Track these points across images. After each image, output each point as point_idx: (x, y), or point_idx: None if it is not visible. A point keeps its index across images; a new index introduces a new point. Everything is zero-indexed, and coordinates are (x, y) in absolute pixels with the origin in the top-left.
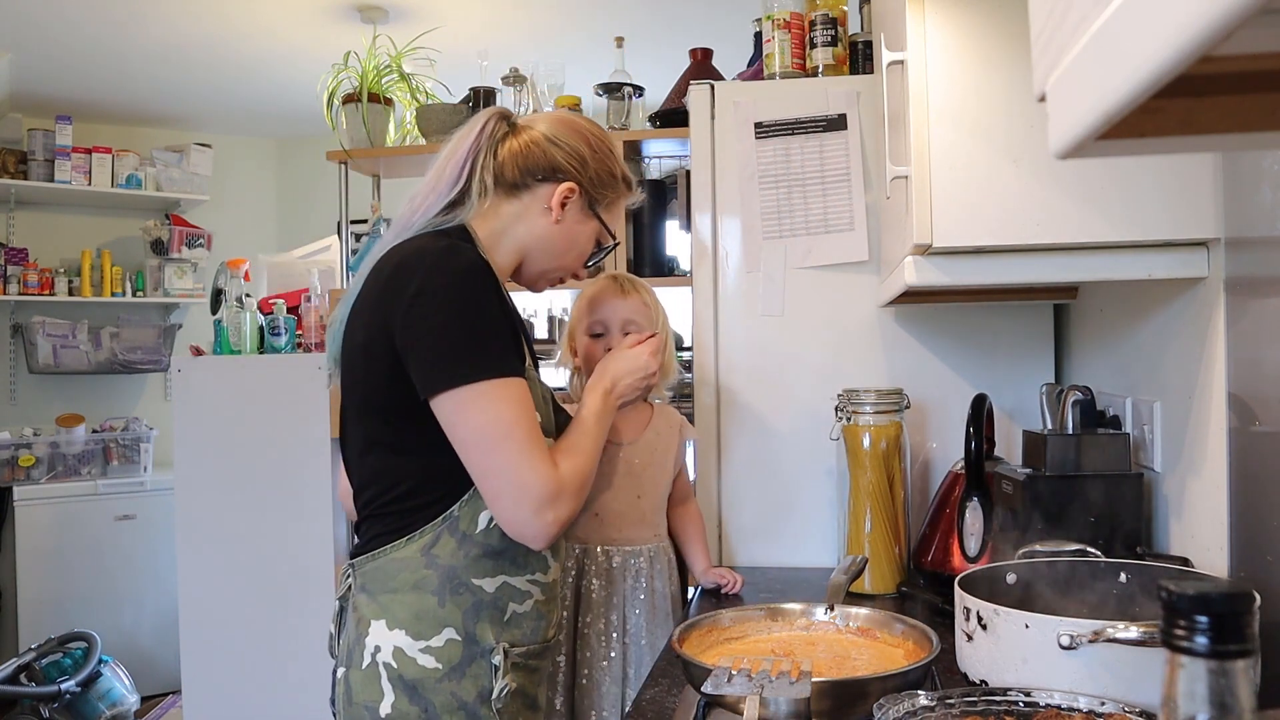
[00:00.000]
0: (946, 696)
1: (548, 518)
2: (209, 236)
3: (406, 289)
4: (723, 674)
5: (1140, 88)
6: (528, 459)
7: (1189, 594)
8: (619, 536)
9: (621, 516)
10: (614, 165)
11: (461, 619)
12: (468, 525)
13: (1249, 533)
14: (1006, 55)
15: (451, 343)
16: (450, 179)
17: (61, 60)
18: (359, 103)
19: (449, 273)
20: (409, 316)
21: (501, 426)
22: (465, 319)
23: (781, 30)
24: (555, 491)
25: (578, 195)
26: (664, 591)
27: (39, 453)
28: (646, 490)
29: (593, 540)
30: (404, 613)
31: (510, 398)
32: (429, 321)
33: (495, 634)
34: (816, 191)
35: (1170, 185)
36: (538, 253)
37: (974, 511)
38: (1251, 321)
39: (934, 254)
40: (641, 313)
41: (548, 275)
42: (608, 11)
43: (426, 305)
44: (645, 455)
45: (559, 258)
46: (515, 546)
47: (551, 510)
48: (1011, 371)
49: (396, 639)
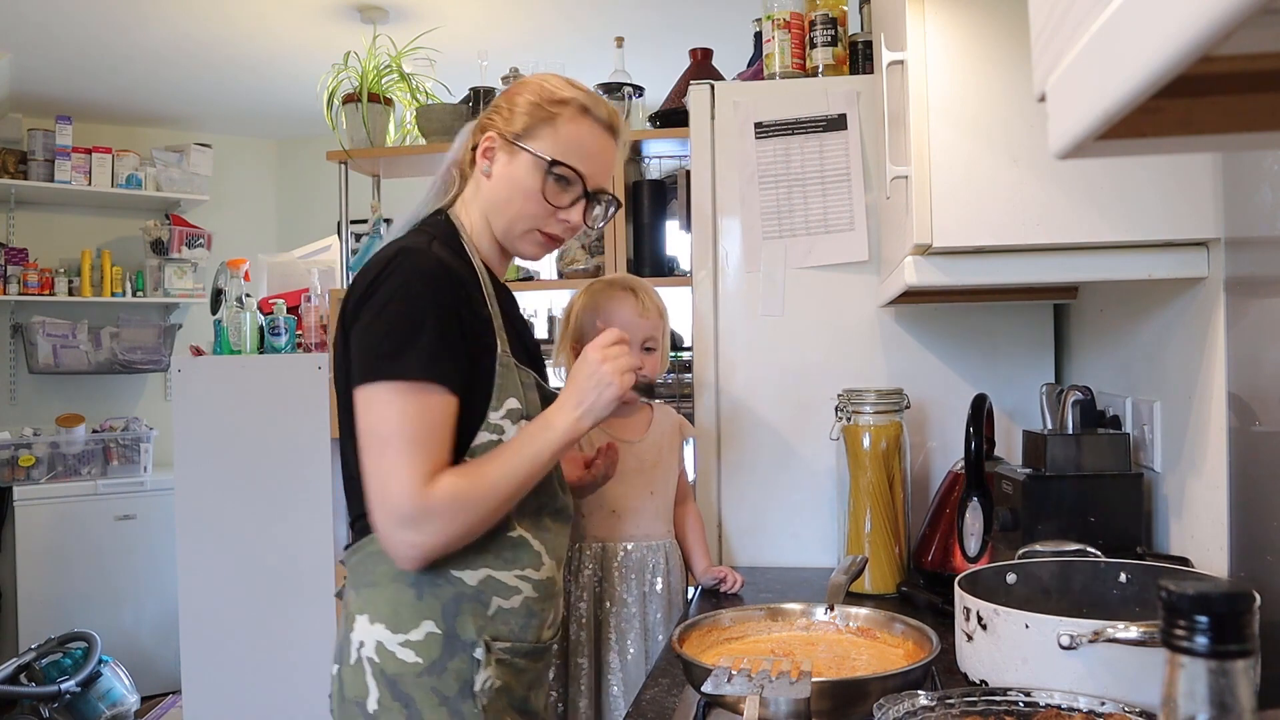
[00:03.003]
0: (946, 696)
1: (402, 538)
2: (209, 236)
3: (359, 288)
4: (723, 674)
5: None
6: (398, 471)
7: (1189, 594)
8: (636, 533)
9: (637, 513)
10: (535, 94)
11: (441, 611)
12: None
13: (1249, 533)
14: (1006, 55)
15: (377, 339)
16: (437, 182)
17: (61, 60)
18: (359, 103)
19: (400, 272)
20: (355, 314)
21: (385, 430)
22: (398, 318)
23: (781, 30)
24: (415, 513)
25: (497, 140)
26: (677, 587)
27: (39, 453)
28: (658, 486)
29: (611, 537)
30: (384, 606)
31: (409, 404)
32: (366, 318)
33: (478, 627)
34: (816, 191)
35: (1170, 185)
36: (491, 214)
37: (974, 511)
38: (1251, 321)
39: (934, 254)
40: (658, 327)
41: (515, 233)
42: (608, 11)
43: (370, 303)
44: (653, 452)
45: (506, 208)
46: (500, 539)
47: (409, 531)
48: (1011, 371)
49: (378, 633)
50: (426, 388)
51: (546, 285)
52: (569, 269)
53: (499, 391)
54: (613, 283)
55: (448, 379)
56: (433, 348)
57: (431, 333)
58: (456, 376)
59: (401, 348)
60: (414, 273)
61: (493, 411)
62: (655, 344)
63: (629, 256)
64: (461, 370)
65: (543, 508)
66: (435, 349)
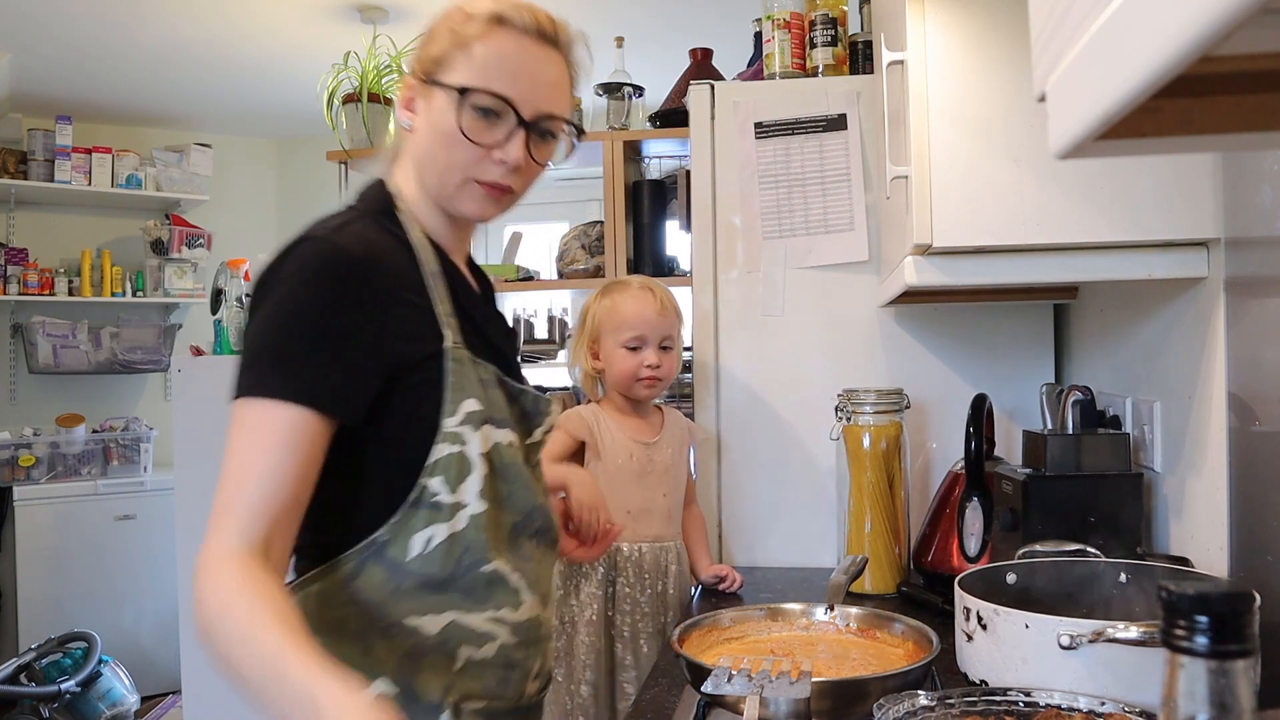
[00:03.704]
0: (946, 696)
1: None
2: (209, 236)
3: (254, 285)
4: (723, 674)
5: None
6: (220, 513)
7: (1189, 594)
8: (649, 534)
9: (651, 514)
10: (446, 20)
11: (396, 667)
12: (398, 551)
13: (1249, 533)
14: (1006, 55)
15: (248, 347)
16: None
17: (61, 60)
18: (359, 103)
19: (290, 266)
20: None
21: (228, 456)
22: (277, 321)
23: (781, 30)
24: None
25: (415, 85)
26: (686, 588)
27: (39, 453)
28: (671, 488)
29: (624, 538)
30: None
31: (262, 428)
32: (249, 322)
33: (443, 686)
34: (816, 191)
35: (1170, 185)
36: (423, 173)
37: (974, 511)
38: (1251, 321)
39: (934, 254)
40: (675, 326)
41: (449, 189)
42: (608, 11)
43: (255, 303)
44: (667, 454)
45: (433, 162)
46: (469, 574)
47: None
48: (1011, 371)
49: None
50: (292, 413)
51: (546, 285)
52: (569, 269)
53: (452, 392)
54: (629, 282)
55: (324, 405)
56: (322, 359)
57: (331, 341)
58: (339, 396)
59: (268, 359)
60: (306, 268)
61: (447, 418)
62: (672, 342)
63: (629, 256)
64: (355, 388)
65: (521, 528)
66: (327, 361)
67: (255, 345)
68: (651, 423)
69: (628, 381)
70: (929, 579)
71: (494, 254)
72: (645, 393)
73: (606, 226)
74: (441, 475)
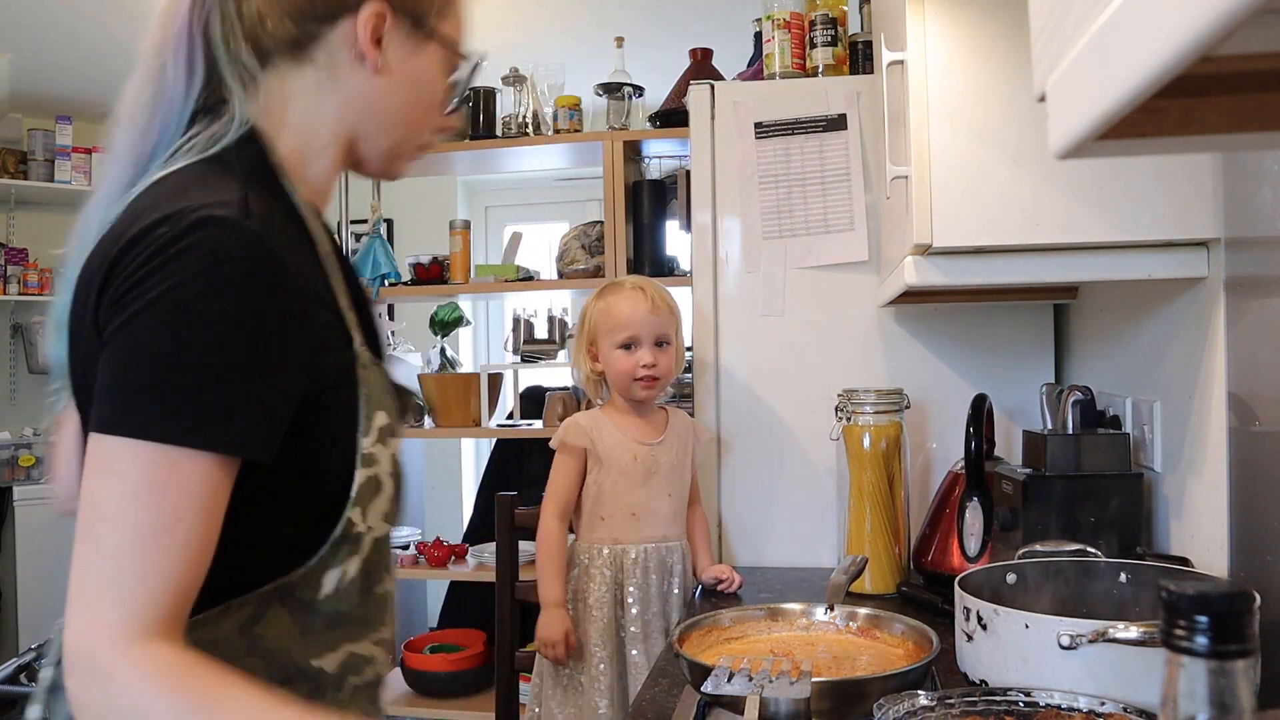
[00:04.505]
0: (946, 696)
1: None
2: None
3: (128, 267)
4: (723, 674)
5: (1140, 88)
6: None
7: (1189, 594)
8: (654, 534)
9: (655, 515)
10: None
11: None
12: (309, 591)
13: (1249, 533)
14: (1006, 55)
15: (140, 366)
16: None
17: (61, 60)
18: None
19: (193, 259)
20: (116, 308)
21: (110, 513)
22: (184, 335)
23: (781, 30)
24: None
25: (390, 18)
26: (689, 587)
27: (39, 453)
28: (675, 489)
29: (628, 539)
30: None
31: (160, 485)
32: (132, 324)
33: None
34: (816, 191)
35: (1170, 185)
36: (373, 125)
37: (974, 511)
38: (1251, 321)
39: (934, 254)
40: (669, 324)
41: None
42: (608, 11)
43: (140, 299)
44: (671, 454)
45: (407, 119)
46: (368, 601)
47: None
48: (1011, 371)
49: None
50: (199, 463)
51: (546, 285)
52: (569, 269)
53: (366, 407)
54: (622, 283)
55: (243, 444)
56: (226, 393)
57: (226, 367)
58: (262, 435)
59: (173, 389)
60: (214, 264)
61: (364, 438)
62: (668, 340)
63: (629, 256)
64: (279, 420)
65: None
66: (230, 396)
67: (152, 364)
68: (655, 423)
69: (625, 382)
70: (929, 579)
71: (494, 254)
72: (643, 393)
73: (606, 226)
74: (360, 505)
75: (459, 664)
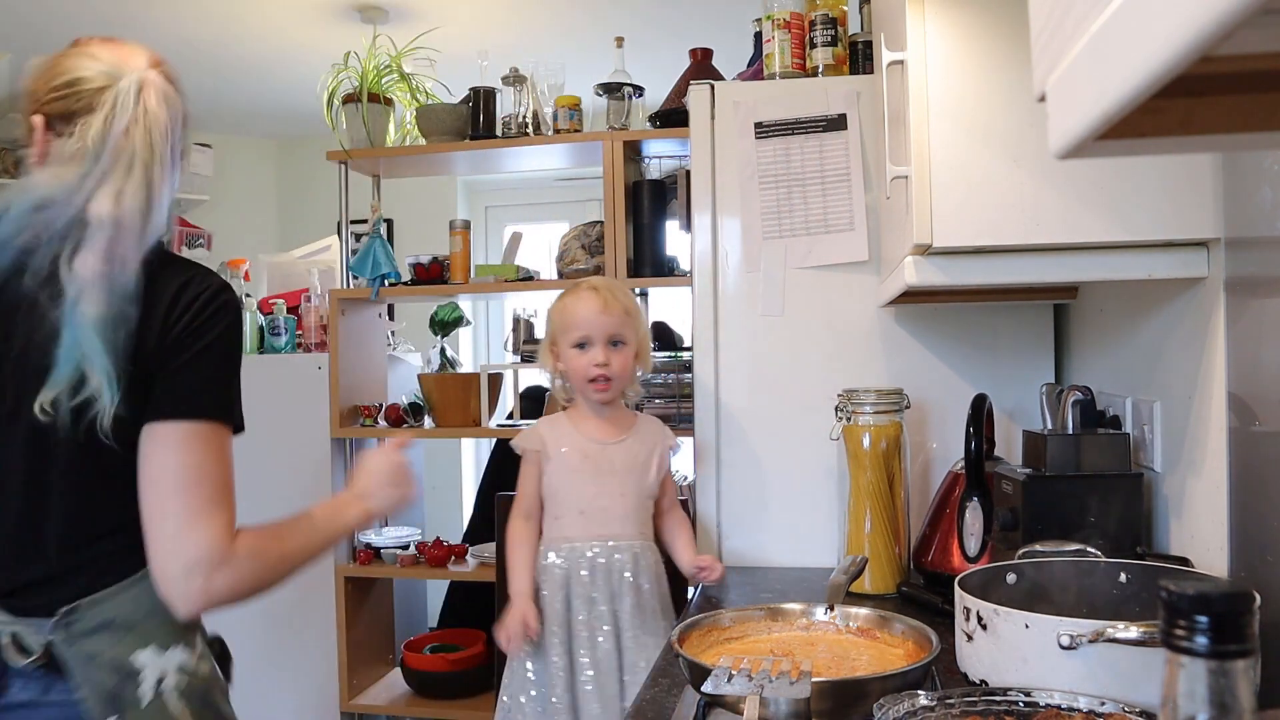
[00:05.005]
0: (946, 696)
1: (192, 584)
2: (209, 236)
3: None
4: (723, 674)
5: (1140, 88)
6: (207, 514)
7: (1189, 594)
8: (603, 532)
9: (605, 512)
10: None
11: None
12: None
13: (1249, 533)
14: (1006, 55)
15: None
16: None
17: None
18: (359, 103)
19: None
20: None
21: (200, 472)
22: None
23: (781, 30)
24: (218, 559)
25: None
26: (651, 590)
27: None
28: (632, 490)
29: (578, 537)
30: (169, 629)
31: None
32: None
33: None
34: (816, 191)
35: (1170, 185)
36: None
37: (974, 511)
38: (1251, 321)
39: (934, 254)
40: (624, 323)
41: None
42: (607, 11)
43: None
44: (626, 456)
45: None
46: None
47: (200, 578)
48: (1011, 371)
49: (176, 657)
50: (231, 437)
51: (546, 285)
52: (569, 269)
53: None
54: (579, 284)
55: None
56: (238, 396)
57: (239, 381)
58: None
59: (230, 393)
60: (237, 314)
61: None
62: (623, 339)
63: (629, 256)
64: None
65: None
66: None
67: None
68: (618, 424)
69: (581, 382)
70: (929, 579)
71: (494, 254)
72: (597, 394)
73: (606, 226)
74: None
75: (459, 664)
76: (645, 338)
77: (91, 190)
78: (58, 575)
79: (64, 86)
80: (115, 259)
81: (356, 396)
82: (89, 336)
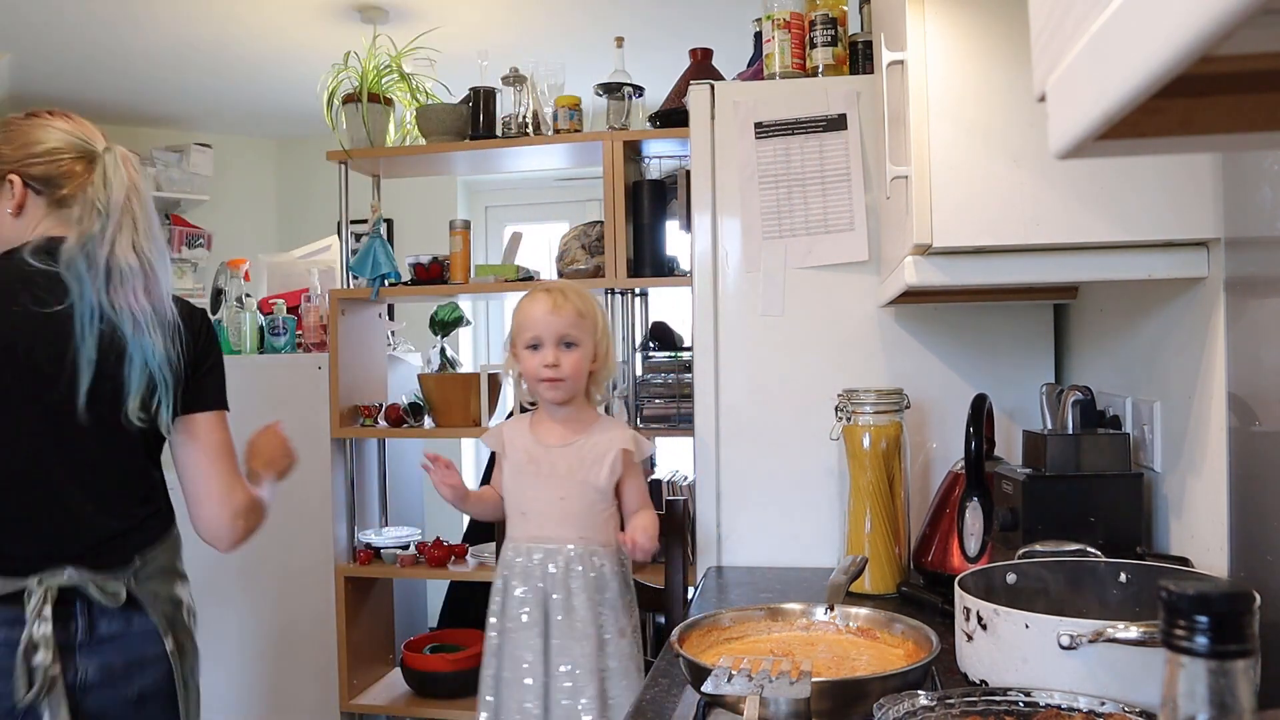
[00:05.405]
0: (946, 696)
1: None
2: (209, 236)
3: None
4: (723, 674)
5: (1140, 88)
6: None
7: (1189, 594)
8: (539, 534)
9: (543, 515)
10: None
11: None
12: None
13: (1249, 533)
14: (1006, 55)
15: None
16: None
17: (61, 60)
18: (359, 103)
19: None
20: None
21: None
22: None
23: (781, 30)
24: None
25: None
26: (584, 599)
27: None
28: (571, 494)
29: (518, 537)
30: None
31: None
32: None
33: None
34: (816, 191)
35: (1170, 185)
36: None
37: (974, 511)
38: (1251, 321)
39: (934, 254)
40: (577, 325)
41: None
42: (607, 11)
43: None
44: (571, 460)
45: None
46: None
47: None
48: (1011, 371)
49: (188, 591)
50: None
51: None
52: (569, 269)
53: None
54: (535, 286)
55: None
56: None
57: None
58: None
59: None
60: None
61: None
62: (575, 341)
63: (629, 256)
64: None
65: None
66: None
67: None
68: (572, 426)
69: (533, 383)
70: (929, 579)
71: (494, 254)
72: (548, 394)
73: (606, 226)
74: None
75: (459, 664)
76: (606, 340)
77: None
78: (122, 534)
79: (44, 155)
80: (155, 297)
81: (356, 396)
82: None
